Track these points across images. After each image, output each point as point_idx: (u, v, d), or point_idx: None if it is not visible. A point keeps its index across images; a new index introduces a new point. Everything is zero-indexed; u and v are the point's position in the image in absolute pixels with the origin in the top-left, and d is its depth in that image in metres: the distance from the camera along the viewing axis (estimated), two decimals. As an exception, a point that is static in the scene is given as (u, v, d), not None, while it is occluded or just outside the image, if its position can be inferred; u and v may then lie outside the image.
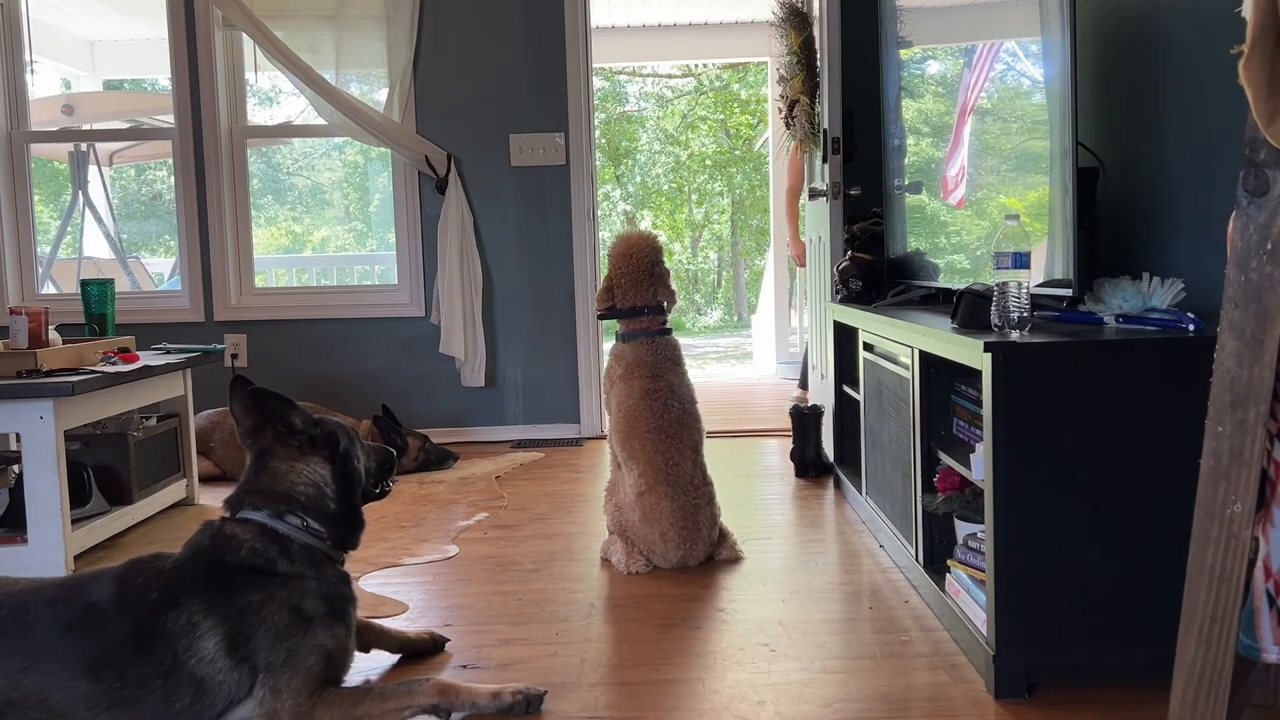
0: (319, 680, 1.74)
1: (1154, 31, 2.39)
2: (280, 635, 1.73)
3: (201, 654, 1.69)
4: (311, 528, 1.88)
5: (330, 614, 1.82)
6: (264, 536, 1.84)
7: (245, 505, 1.88)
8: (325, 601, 1.82)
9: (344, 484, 1.95)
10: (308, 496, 1.90)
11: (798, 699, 1.91)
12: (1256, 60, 1.28)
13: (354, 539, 1.98)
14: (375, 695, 1.78)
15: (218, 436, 4.03)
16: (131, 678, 1.66)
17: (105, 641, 1.68)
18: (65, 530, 2.76)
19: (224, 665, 1.69)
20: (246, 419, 1.94)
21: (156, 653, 1.68)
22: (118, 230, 6.50)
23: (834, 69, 3.77)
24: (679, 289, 2.94)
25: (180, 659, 1.68)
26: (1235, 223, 1.36)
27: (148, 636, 1.69)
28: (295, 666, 1.72)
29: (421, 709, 1.78)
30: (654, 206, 16.48)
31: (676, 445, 2.70)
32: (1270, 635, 1.37)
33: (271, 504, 1.87)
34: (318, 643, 1.76)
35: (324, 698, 1.73)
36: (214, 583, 1.76)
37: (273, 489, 1.89)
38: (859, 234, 3.70)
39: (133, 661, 1.67)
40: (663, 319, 2.87)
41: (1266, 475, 1.36)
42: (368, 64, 4.71)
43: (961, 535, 2.26)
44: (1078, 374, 1.87)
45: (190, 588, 1.74)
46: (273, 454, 1.92)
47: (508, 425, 4.73)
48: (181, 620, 1.70)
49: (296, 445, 1.93)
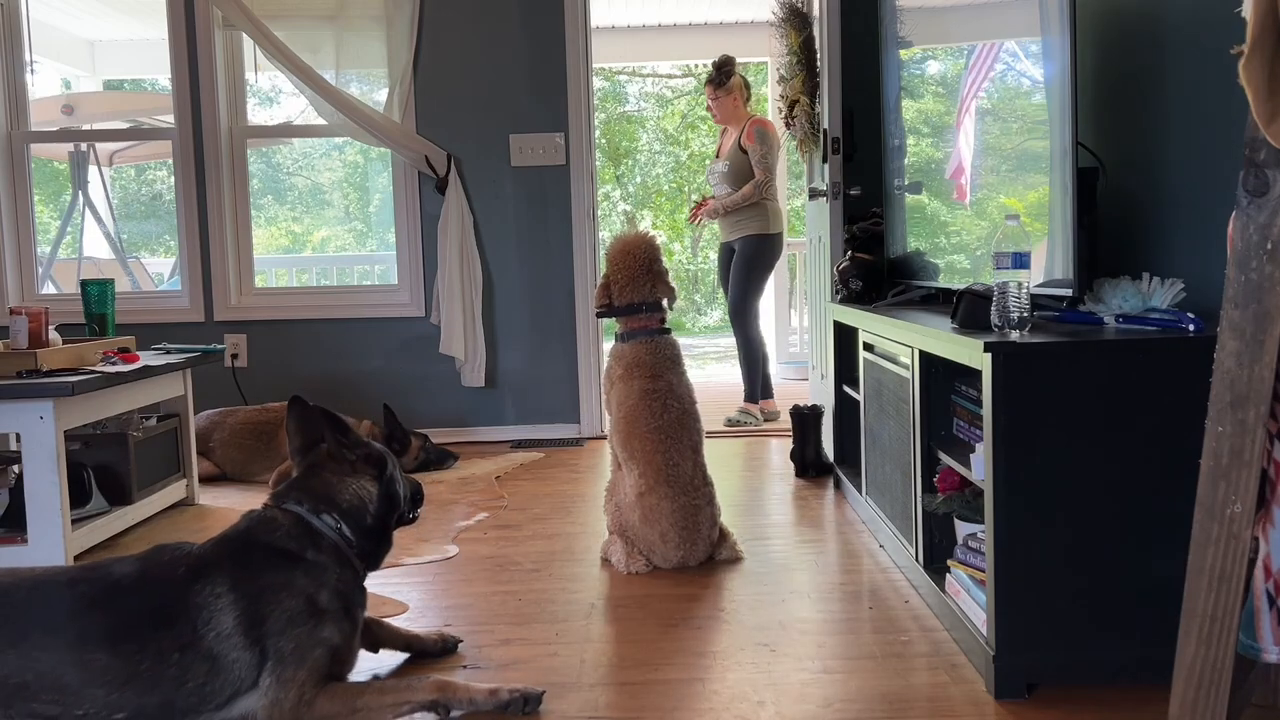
0: (323, 674, 1.78)
1: (1154, 31, 2.39)
2: (293, 622, 1.78)
3: (220, 628, 1.74)
4: (344, 533, 1.96)
5: (341, 610, 1.87)
6: (300, 526, 1.92)
7: (289, 499, 1.97)
8: (339, 598, 1.87)
9: (385, 504, 2.05)
10: (350, 505, 1.99)
11: (798, 699, 1.91)
12: (1256, 60, 1.28)
13: (379, 557, 2.06)
14: (375, 689, 1.83)
15: (218, 436, 4.03)
16: (150, 651, 1.70)
17: (128, 613, 1.74)
18: (65, 530, 2.76)
19: (238, 643, 1.74)
20: (298, 437, 2.06)
21: (177, 626, 1.73)
22: (118, 230, 6.50)
23: (834, 69, 3.77)
24: (679, 288, 2.94)
25: (199, 633, 1.73)
26: (1235, 223, 1.36)
27: (171, 609, 1.74)
28: (302, 658, 1.76)
29: (420, 705, 1.81)
30: (654, 206, 16.47)
31: (676, 445, 2.70)
32: (1270, 635, 1.37)
33: (314, 502, 1.96)
34: (325, 636, 1.81)
35: (326, 690, 1.77)
36: (242, 559, 1.83)
37: (319, 490, 1.98)
38: (859, 234, 3.70)
39: (153, 635, 1.72)
40: (661, 317, 2.86)
41: (1266, 475, 1.36)
42: (368, 64, 4.71)
43: (961, 535, 2.26)
44: (1078, 374, 1.87)
45: (219, 562, 1.81)
46: (324, 467, 2.02)
47: (508, 425, 4.73)
48: (205, 592, 1.76)
49: (350, 461, 2.03)
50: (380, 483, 2.05)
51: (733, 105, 5.03)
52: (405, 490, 2.14)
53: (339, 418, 2.03)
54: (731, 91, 5.01)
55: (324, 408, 2.03)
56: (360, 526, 1.99)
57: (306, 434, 2.05)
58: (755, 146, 4.90)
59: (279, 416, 4.05)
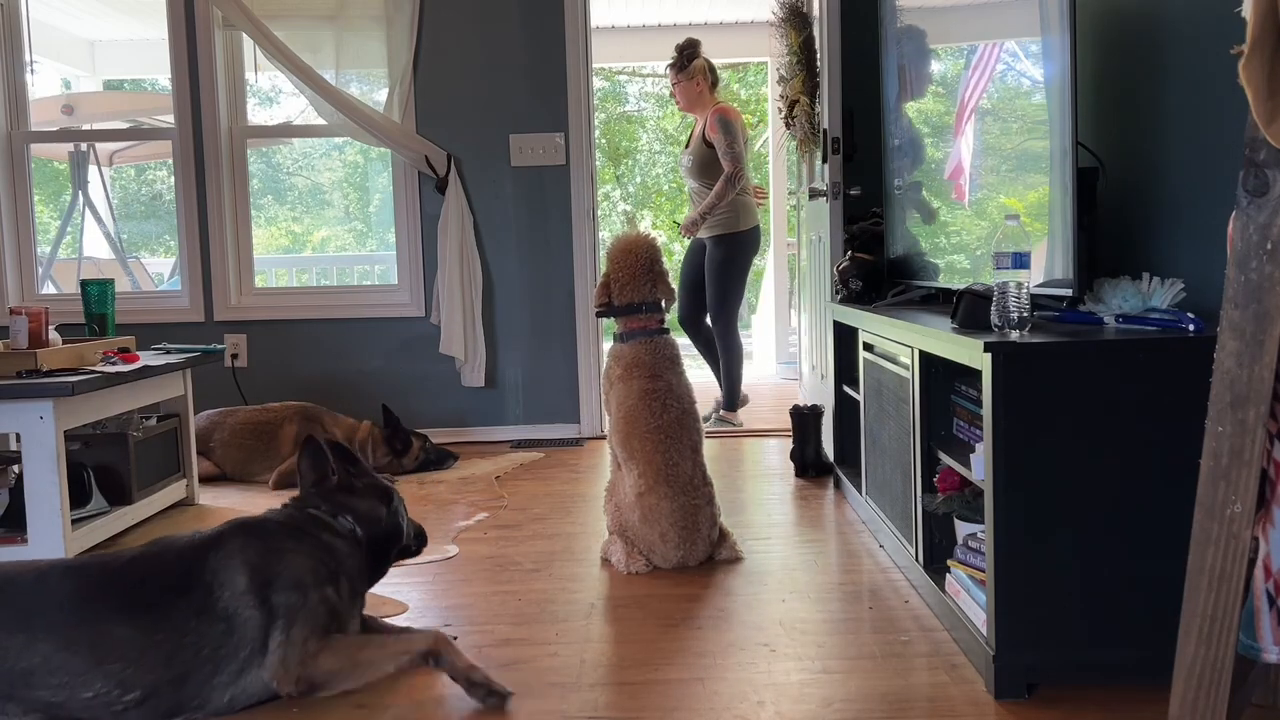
0: (325, 630, 1.87)
1: (1154, 31, 2.39)
2: (299, 583, 1.88)
3: (235, 587, 1.83)
4: (357, 534, 2.08)
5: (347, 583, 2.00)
6: (316, 520, 2.06)
7: (308, 504, 2.11)
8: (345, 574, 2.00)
9: (391, 529, 2.18)
10: (364, 513, 2.12)
11: (798, 699, 1.91)
12: (1256, 60, 1.28)
13: (375, 576, 2.18)
14: (376, 643, 1.96)
15: (218, 436, 4.03)
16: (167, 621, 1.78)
17: (143, 586, 1.82)
18: (65, 530, 2.76)
19: (249, 601, 1.83)
20: (311, 474, 2.17)
21: (193, 593, 1.81)
22: (118, 230, 6.50)
23: (834, 69, 3.77)
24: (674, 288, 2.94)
25: (214, 595, 1.82)
26: (1235, 223, 1.36)
27: (186, 578, 1.83)
28: (306, 618, 1.85)
29: (419, 655, 1.91)
30: (654, 206, 16.45)
31: (676, 445, 2.70)
32: (1270, 635, 1.37)
33: (332, 505, 2.10)
34: (326, 596, 1.91)
35: (329, 644, 1.86)
36: (255, 530, 1.97)
37: (338, 498, 2.13)
38: (859, 234, 3.70)
39: (173, 604, 1.80)
40: (660, 317, 2.86)
41: (1266, 475, 1.36)
42: (368, 64, 4.71)
43: (961, 535, 2.26)
44: (1078, 374, 1.87)
45: (232, 534, 1.94)
46: (339, 489, 2.15)
47: (508, 425, 4.73)
48: (219, 557, 1.87)
49: (360, 487, 2.17)
50: (388, 511, 2.18)
51: (695, 91, 4.73)
52: (410, 527, 2.26)
53: (350, 451, 2.20)
54: (694, 76, 4.71)
55: (337, 442, 2.20)
56: (371, 534, 2.11)
57: (319, 471, 2.17)
58: (719, 138, 4.59)
59: (279, 416, 4.05)
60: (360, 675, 1.88)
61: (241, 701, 1.83)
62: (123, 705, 1.73)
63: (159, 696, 1.75)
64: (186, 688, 1.77)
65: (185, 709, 1.78)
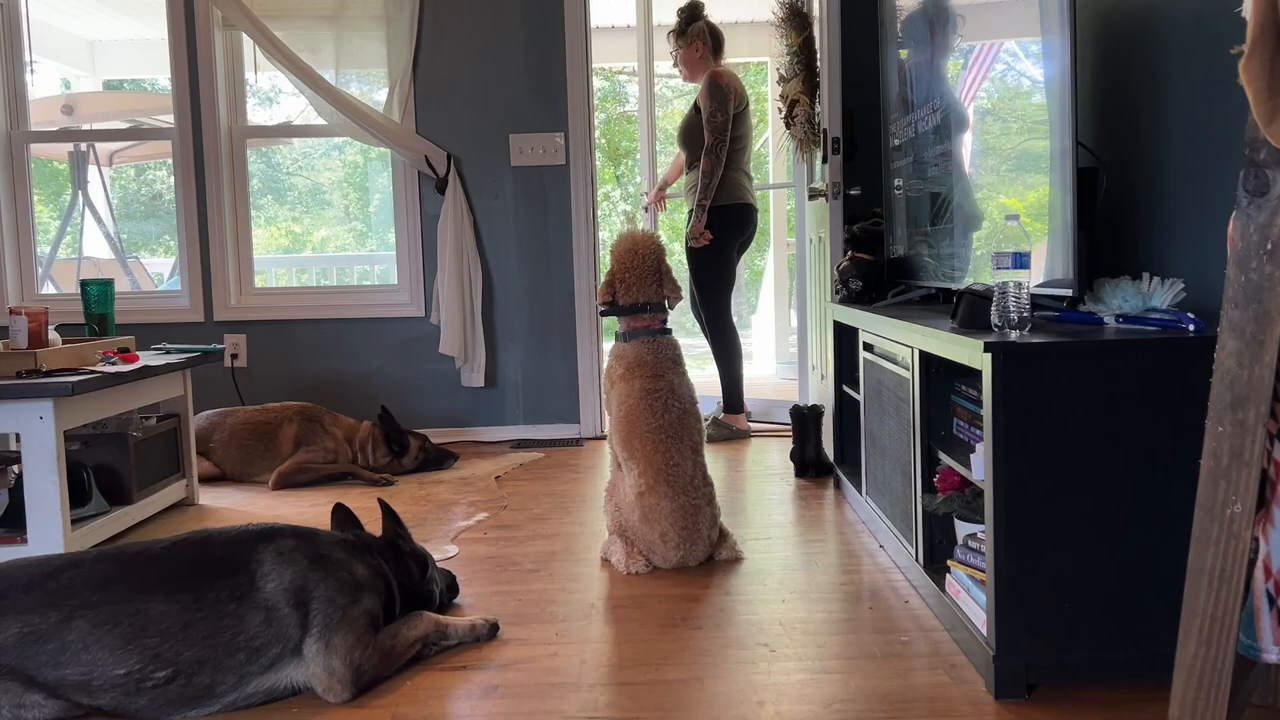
0: (367, 640, 1.95)
1: (1154, 31, 2.38)
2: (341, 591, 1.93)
3: (281, 579, 1.87)
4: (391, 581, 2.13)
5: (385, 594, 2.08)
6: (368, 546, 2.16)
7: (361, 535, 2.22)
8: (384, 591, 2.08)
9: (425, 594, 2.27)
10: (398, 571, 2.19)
11: (798, 699, 1.91)
12: (1256, 60, 1.28)
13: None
14: (389, 633, 2.02)
15: (218, 437, 4.02)
16: (210, 601, 1.81)
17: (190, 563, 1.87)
18: (65, 530, 2.76)
19: (290, 599, 1.86)
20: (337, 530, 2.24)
21: (237, 577, 1.85)
22: (117, 230, 6.50)
23: (834, 69, 3.77)
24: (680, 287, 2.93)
25: (258, 585, 1.85)
26: (1235, 223, 1.36)
27: (233, 561, 1.87)
28: (348, 625, 1.90)
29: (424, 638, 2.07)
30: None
31: (677, 445, 2.70)
32: (1270, 635, 1.36)
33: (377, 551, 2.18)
34: (367, 607, 1.97)
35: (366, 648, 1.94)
36: (309, 534, 2.02)
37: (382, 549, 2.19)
38: (859, 234, 3.70)
39: (214, 585, 1.83)
40: (663, 317, 2.86)
41: (1266, 475, 1.36)
42: (368, 64, 4.71)
43: (961, 535, 2.26)
44: (1078, 374, 1.87)
45: (287, 531, 1.99)
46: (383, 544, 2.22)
47: (508, 425, 4.73)
48: (270, 547, 1.91)
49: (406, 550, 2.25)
50: (424, 579, 2.27)
51: (695, 56, 4.40)
52: (440, 584, 2.36)
53: (397, 515, 2.28)
54: (693, 41, 4.39)
55: (386, 502, 2.29)
56: (402, 590, 2.17)
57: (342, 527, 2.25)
58: (706, 103, 4.25)
59: (279, 417, 4.05)
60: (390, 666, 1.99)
61: (263, 697, 1.86)
62: (152, 683, 1.74)
63: (189, 677, 1.76)
64: (219, 672, 1.79)
65: (214, 693, 1.80)
